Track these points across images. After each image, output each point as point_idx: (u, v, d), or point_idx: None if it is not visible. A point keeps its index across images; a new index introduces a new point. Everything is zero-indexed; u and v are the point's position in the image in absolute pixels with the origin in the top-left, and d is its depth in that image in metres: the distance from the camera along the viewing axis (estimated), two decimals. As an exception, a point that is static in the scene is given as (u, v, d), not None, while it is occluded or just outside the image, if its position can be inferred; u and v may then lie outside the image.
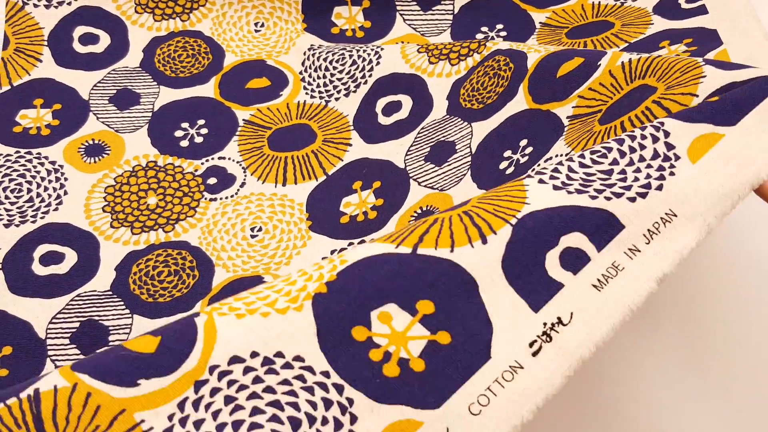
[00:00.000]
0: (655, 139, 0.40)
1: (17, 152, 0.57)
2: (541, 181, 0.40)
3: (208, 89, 0.60)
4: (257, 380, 0.36)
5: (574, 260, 0.38)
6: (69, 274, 0.51)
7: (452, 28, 0.64)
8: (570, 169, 0.40)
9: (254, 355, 0.36)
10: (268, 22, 0.64)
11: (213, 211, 0.54)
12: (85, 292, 0.50)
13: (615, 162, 0.40)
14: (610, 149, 0.41)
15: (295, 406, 0.36)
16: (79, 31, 0.63)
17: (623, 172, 0.40)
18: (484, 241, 0.38)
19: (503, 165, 0.50)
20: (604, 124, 0.46)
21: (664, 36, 0.55)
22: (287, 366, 0.37)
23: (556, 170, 0.40)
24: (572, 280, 0.38)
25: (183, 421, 0.36)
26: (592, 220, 0.38)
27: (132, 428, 0.35)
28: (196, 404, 0.36)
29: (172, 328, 0.37)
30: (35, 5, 0.63)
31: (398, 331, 0.37)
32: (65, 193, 0.55)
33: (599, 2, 0.63)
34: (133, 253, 0.52)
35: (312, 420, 0.36)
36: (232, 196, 0.55)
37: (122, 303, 0.49)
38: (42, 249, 0.52)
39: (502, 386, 0.37)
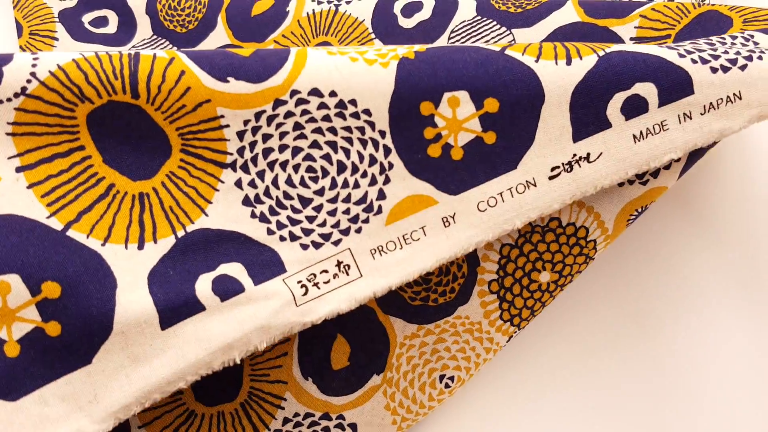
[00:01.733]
0: (746, 40, 0.42)
1: None
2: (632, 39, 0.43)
3: (221, 34, 0.60)
4: (326, 118, 0.39)
5: (634, 107, 0.40)
6: (117, 33, 0.59)
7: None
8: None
9: (332, 94, 0.39)
10: None
11: None
12: (138, 43, 0.58)
13: (709, 40, 0.42)
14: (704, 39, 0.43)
15: (347, 153, 0.39)
16: (88, 17, 0.63)
17: (714, 43, 0.42)
18: (569, 62, 0.40)
19: None
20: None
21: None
22: (355, 115, 0.39)
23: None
24: (620, 125, 0.41)
25: (255, 130, 0.38)
26: (671, 76, 0.40)
27: (211, 119, 0.38)
28: (270, 119, 0.38)
29: (268, 49, 0.39)
30: None
31: (458, 119, 0.40)
32: None
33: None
34: None
35: (355, 169, 0.40)
36: None
37: (166, 42, 0.57)
38: (89, 16, 0.60)
39: (512, 195, 0.40)
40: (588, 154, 0.40)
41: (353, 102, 0.39)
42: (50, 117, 0.37)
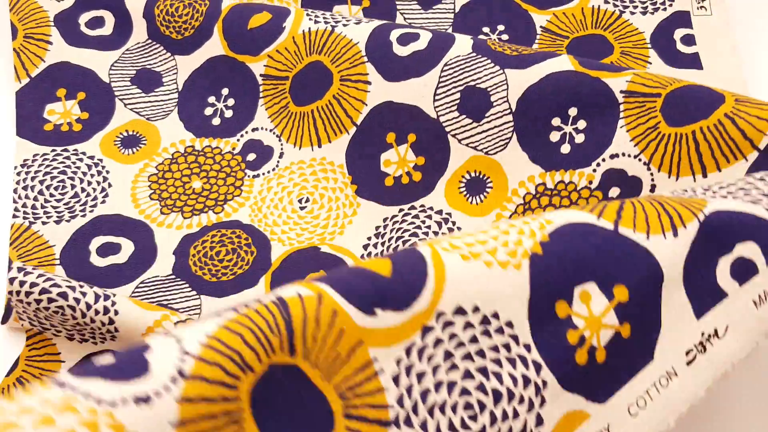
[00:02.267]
0: None
1: (53, 150, 0.58)
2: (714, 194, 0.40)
3: (216, 43, 0.59)
4: (473, 340, 0.35)
5: (744, 271, 0.37)
6: (129, 263, 0.53)
7: (453, 27, 0.64)
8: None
9: (475, 310, 0.35)
10: None
11: (258, 187, 0.56)
12: (149, 279, 0.52)
13: None
14: None
15: (499, 377, 0.35)
16: (85, 17, 0.63)
17: None
18: (675, 234, 0.37)
19: (555, 137, 0.50)
20: (672, 125, 0.46)
21: None
22: (500, 331, 0.35)
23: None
24: (736, 292, 0.37)
25: (408, 370, 0.34)
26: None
27: (366, 365, 0.33)
28: (420, 353, 0.34)
29: (400, 254, 0.35)
30: None
31: (595, 316, 0.36)
32: (109, 185, 0.56)
33: (599, 7, 0.64)
34: (188, 237, 0.54)
35: (511, 396, 0.35)
36: (273, 170, 0.56)
37: (187, 285, 0.52)
38: (97, 241, 0.54)
39: (658, 391, 0.37)
40: (716, 330, 0.37)
41: (496, 315, 0.35)
42: (215, 404, 0.29)
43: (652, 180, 0.47)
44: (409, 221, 0.53)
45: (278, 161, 0.56)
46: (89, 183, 0.56)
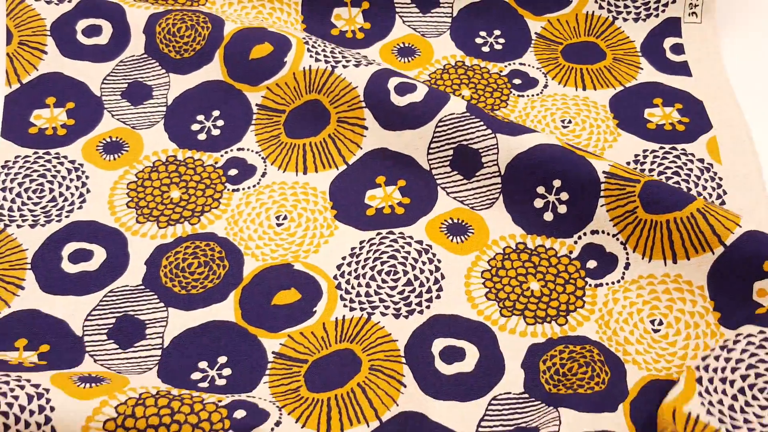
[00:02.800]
0: None
1: (35, 153, 0.57)
2: None
3: (215, 68, 0.60)
4: None
5: None
6: (100, 270, 0.51)
7: (451, 30, 0.65)
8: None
9: None
10: (267, 22, 0.65)
11: (237, 201, 0.55)
12: (118, 288, 0.51)
13: None
14: None
15: None
16: (82, 24, 0.63)
17: None
18: None
19: (539, 204, 0.52)
20: (649, 212, 0.48)
21: (657, 92, 0.61)
22: None
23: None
24: None
25: None
26: None
27: None
28: None
29: None
30: None
31: None
32: (87, 191, 0.55)
33: (593, 13, 0.65)
34: (162, 247, 0.52)
35: None
36: (254, 186, 0.55)
37: (156, 296, 0.50)
38: (70, 247, 0.53)
39: None
40: None
41: None
42: None
43: (627, 259, 0.50)
44: (387, 243, 0.52)
45: (260, 179, 0.56)
46: (68, 188, 0.55)
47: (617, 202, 0.50)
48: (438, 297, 0.49)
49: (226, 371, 0.47)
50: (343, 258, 0.51)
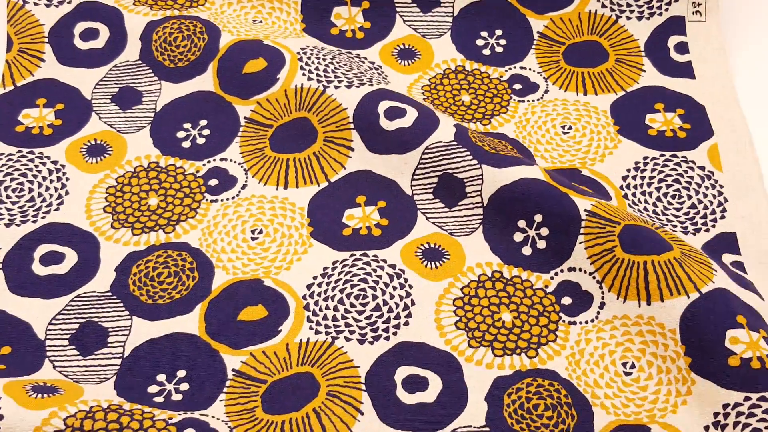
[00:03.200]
0: None
1: (19, 151, 0.57)
2: None
3: (208, 79, 0.59)
4: None
5: None
6: (69, 274, 0.51)
7: (452, 30, 0.64)
8: None
9: None
10: (266, 21, 0.64)
11: (213, 212, 0.54)
12: (85, 293, 0.50)
13: None
14: None
15: None
16: (80, 27, 0.63)
17: None
18: None
19: (518, 237, 0.51)
20: (627, 252, 0.47)
21: (659, 96, 0.60)
22: None
23: None
24: None
25: None
26: None
27: None
28: None
29: None
30: (35, 3, 0.63)
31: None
32: (66, 193, 0.55)
33: (596, 12, 0.64)
34: (134, 254, 0.52)
35: None
36: (233, 198, 0.55)
37: (122, 304, 0.49)
38: (42, 249, 0.52)
39: None
40: None
41: None
42: None
43: (602, 298, 0.48)
44: (359, 266, 0.51)
45: (240, 191, 0.55)
46: (47, 188, 0.55)
47: (596, 240, 0.48)
48: (406, 324, 0.48)
49: (184, 386, 0.46)
50: (314, 278, 0.50)
